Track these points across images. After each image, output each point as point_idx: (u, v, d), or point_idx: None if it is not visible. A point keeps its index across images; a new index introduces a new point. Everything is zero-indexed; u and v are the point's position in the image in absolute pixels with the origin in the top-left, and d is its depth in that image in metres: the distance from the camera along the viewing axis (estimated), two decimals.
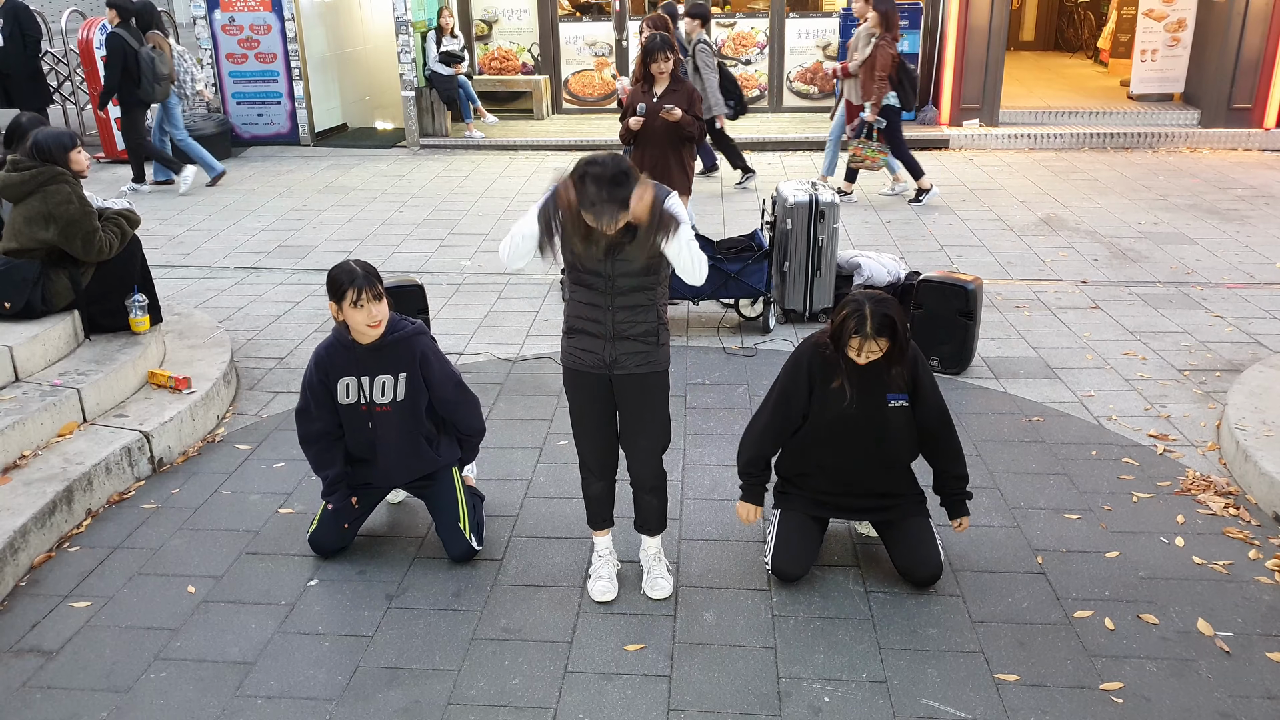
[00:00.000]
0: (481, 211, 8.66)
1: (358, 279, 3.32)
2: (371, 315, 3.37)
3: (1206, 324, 5.86)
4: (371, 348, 3.49)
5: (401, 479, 3.74)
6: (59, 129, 4.88)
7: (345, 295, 3.32)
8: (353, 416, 3.57)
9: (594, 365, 3.23)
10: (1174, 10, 11.05)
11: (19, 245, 4.66)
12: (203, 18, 11.14)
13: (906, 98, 8.16)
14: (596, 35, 12.16)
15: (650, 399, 3.29)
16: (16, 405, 4.25)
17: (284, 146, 11.47)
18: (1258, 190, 8.88)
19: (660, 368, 3.27)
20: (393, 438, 3.59)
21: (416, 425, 3.62)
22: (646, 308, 3.18)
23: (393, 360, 3.52)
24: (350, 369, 3.51)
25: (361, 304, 3.33)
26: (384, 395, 3.53)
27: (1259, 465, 3.99)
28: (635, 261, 3.06)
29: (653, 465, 3.41)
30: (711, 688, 3.05)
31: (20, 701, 3.04)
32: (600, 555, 3.56)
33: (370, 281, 3.34)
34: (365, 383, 3.51)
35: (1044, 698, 2.98)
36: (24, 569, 3.65)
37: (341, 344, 3.51)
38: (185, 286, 6.82)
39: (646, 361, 3.22)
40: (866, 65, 8.08)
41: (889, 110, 8.19)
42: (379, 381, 3.52)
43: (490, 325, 6.05)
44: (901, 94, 8.14)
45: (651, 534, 3.53)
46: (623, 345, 3.18)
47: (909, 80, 8.15)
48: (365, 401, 3.54)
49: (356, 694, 3.04)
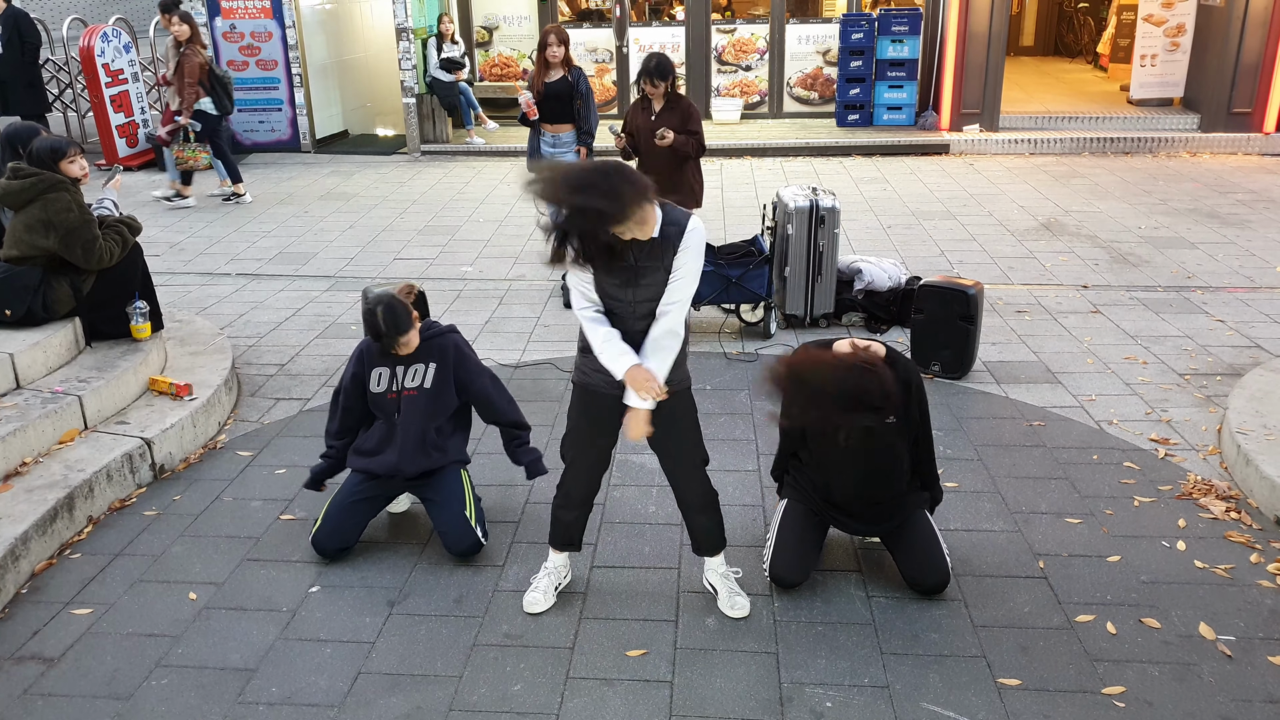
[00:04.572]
0: (482, 218, 8.67)
1: (385, 336, 3.58)
2: (400, 346, 3.65)
3: (1207, 328, 5.86)
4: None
5: (410, 469, 3.75)
6: (56, 137, 4.88)
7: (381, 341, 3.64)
8: (381, 404, 3.75)
9: (611, 385, 3.13)
10: (1173, 15, 11.07)
11: (20, 253, 4.67)
12: (204, 25, 11.15)
13: (221, 103, 8.91)
14: (597, 41, 12.18)
15: (678, 418, 3.22)
16: (18, 412, 4.25)
17: (285, 153, 11.48)
18: (1258, 194, 8.88)
19: (681, 386, 3.20)
20: (414, 420, 3.72)
21: (436, 414, 3.77)
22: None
23: (425, 353, 3.75)
24: (386, 362, 3.75)
25: (394, 348, 3.64)
26: (413, 380, 3.73)
27: (1260, 469, 3.99)
28: (653, 286, 3.01)
29: (698, 484, 3.32)
30: (713, 693, 3.05)
31: (22, 709, 3.03)
32: (547, 568, 3.51)
33: (396, 327, 3.57)
34: (399, 370, 3.73)
35: (1046, 702, 2.98)
36: (25, 576, 3.65)
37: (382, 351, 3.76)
38: (186, 293, 6.83)
39: (668, 380, 3.12)
40: (178, 74, 8.67)
41: (203, 115, 8.81)
42: (412, 369, 3.73)
43: (491, 331, 6.05)
44: (216, 99, 8.87)
45: (712, 555, 3.45)
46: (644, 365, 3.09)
47: (221, 86, 8.89)
48: (395, 389, 3.72)
49: (358, 700, 3.04)
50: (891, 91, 11.36)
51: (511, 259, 7.46)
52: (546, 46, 6.55)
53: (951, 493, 4.11)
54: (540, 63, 6.64)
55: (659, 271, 3.01)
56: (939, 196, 8.87)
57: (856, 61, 11.33)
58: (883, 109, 11.47)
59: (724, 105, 12.00)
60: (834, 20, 11.91)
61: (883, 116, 11.49)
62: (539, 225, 2.88)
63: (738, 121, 11.96)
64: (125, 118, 10.72)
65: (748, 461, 4.42)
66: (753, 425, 4.76)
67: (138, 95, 10.95)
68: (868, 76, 11.38)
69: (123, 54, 10.72)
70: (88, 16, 13.29)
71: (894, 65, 11.26)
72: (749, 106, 12.18)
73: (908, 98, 11.35)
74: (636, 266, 2.98)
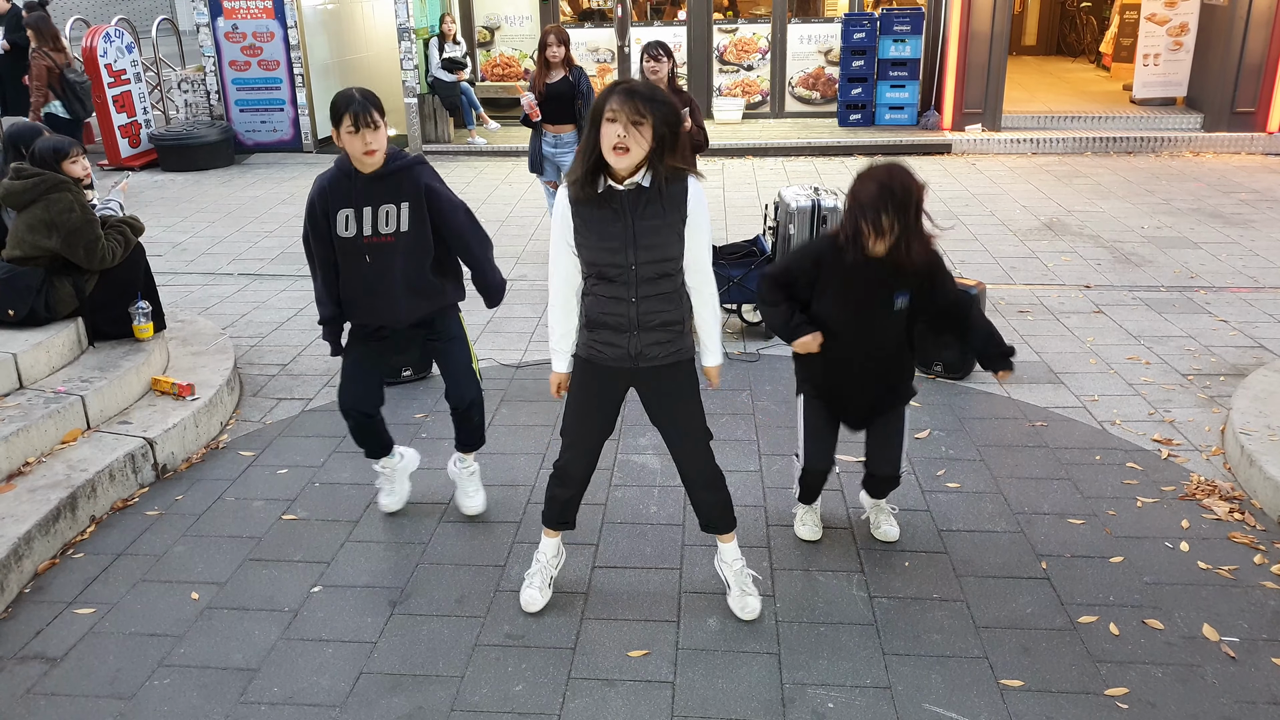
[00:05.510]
0: (484, 218, 8.58)
1: (355, 104, 3.28)
2: (366, 143, 3.31)
3: (1210, 328, 5.85)
4: (373, 177, 3.43)
5: (409, 315, 3.62)
6: (58, 137, 4.89)
7: (342, 120, 3.30)
8: (350, 251, 3.48)
9: (617, 359, 3.09)
10: (1176, 14, 11.05)
11: (22, 253, 4.67)
12: (206, 25, 11.18)
13: (72, 107, 8.92)
14: (599, 41, 12.18)
15: (683, 390, 3.18)
16: (21, 412, 4.26)
17: (287, 154, 11.49)
18: (1261, 194, 8.87)
19: (688, 355, 3.16)
20: (396, 270, 3.50)
21: (423, 256, 3.53)
22: (670, 295, 3.03)
23: (394, 190, 3.44)
24: (349, 200, 3.44)
25: (357, 130, 3.29)
26: (387, 225, 3.45)
27: (1264, 470, 3.98)
28: (657, 248, 2.95)
29: (701, 460, 3.25)
30: (715, 694, 3.05)
31: (24, 708, 3.04)
32: (539, 560, 3.49)
33: (367, 108, 3.30)
34: (367, 214, 3.44)
35: (1049, 703, 2.97)
36: (28, 576, 3.66)
37: (343, 173, 3.45)
38: (188, 293, 6.84)
39: (674, 350, 3.09)
40: (29, 77, 8.74)
41: (53, 118, 8.79)
42: (382, 210, 3.44)
43: (493, 331, 6.05)
44: (66, 103, 8.88)
45: (721, 532, 3.38)
46: (648, 336, 3.05)
47: (72, 90, 8.89)
48: (367, 234, 3.45)
49: (360, 700, 3.04)
50: (893, 91, 11.36)
51: (513, 259, 7.45)
52: (547, 47, 6.56)
53: (954, 493, 4.11)
54: (541, 63, 6.64)
55: (661, 231, 2.93)
56: (941, 196, 8.86)
57: (858, 61, 11.33)
58: (885, 109, 11.47)
59: (726, 105, 12.00)
60: (836, 20, 11.90)
61: (885, 116, 11.49)
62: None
63: (739, 121, 11.96)
64: (128, 118, 10.74)
65: (749, 462, 4.42)
66: (754, 425, 4.76)
67: (140, 95, 10.97)
68: (870, 76, 11.38)
69: (125, 54, 10.74)
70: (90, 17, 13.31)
71: (896, 65, 11.26)
72: (751, 106, 12.18)
73: (910, 97, 11.34)
74: (634, 225, 2.91)
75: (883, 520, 3.83)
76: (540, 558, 3.50)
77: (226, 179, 10.40)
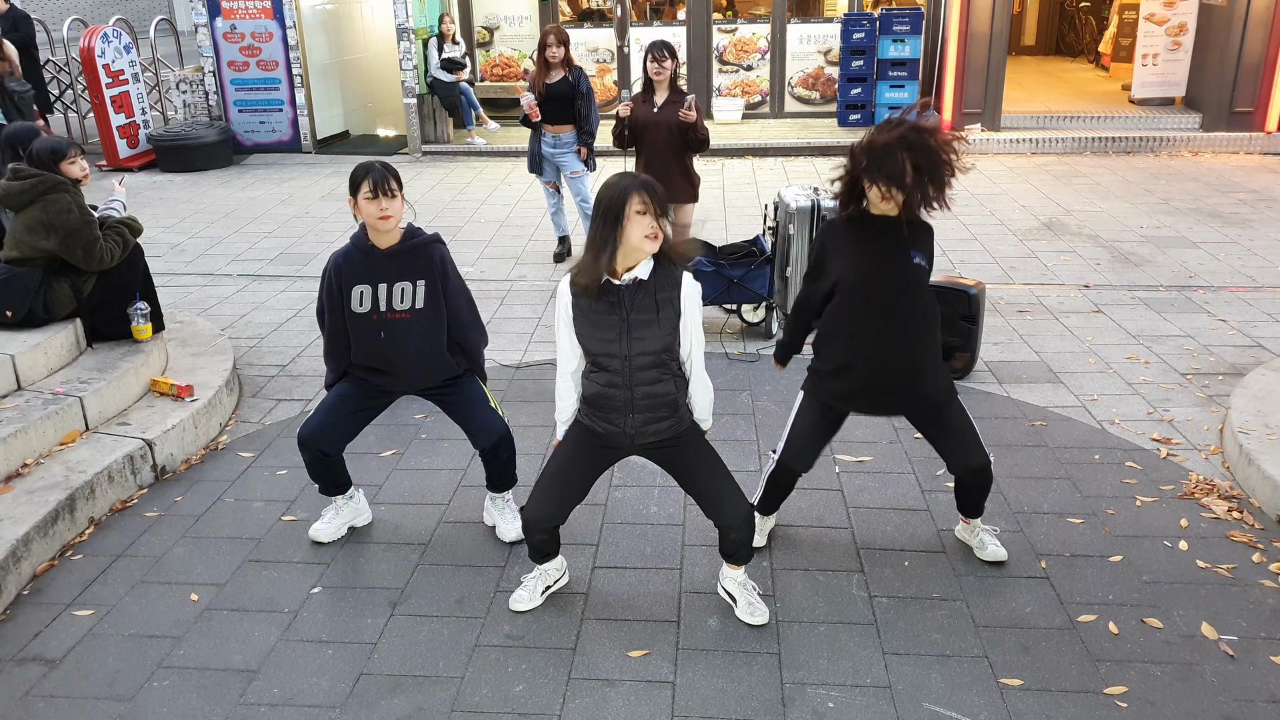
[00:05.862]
0: (483, 218, 8.67)
1: (375, 172, 3.38)
2: (381, 208, 3.38)
3: (1209, 328, 5.85)
4: (389, 254, 3.49)
5: (418, 384, 3.67)
6: (56, 138, 4.89)
7: (360, 187, 3.37)
8: (364, 326, 3.53)
9: (614, 436, 3.17)
10: (1175, 14, 11.05)
11: (20, 254, 4.67)
12: (204, 25, 11.17)
13: (9, 114, 9.02)
14: (598, 41, 12.18)
15: (696, 454, 3.22)
16: (19, 414, 4.25)
17: (286, 154, 11.48)
18: (1259, 194, 8.88)
19: (683, 426, 3.20)
20: (411, 345, 3.55)
21: (438, 332, 3.59)
22: (664, 380, 3.10)
23: (411, 267, 3.51)
24: (365, 277, 3.49)
25: (375, 197, 3.37)
26: (403, 302, 3.51)
27: (1262, 469, 3.98)
28: (650, 340, 3.01)
29: (739, 515, 3.21)
30: (715, 694, 3.05)
31: (23, 710, 3.03)
32: (540, 568, 3.49)
33: (386, 178, 3.38)
34: (382, 290, 3.49)
35: (1048, 702, 2.97)
36: (27, 577, 3.66)
37: (359, 249, 3.50)
38: (187, 294, 6.83)
39: (669, 426, 3.15)
40: None
41: None
42: (397, 288, 3.49)
43: (493, 332, 6.02)
44: (6, 112, 8.98)
45: (737, 565, 3.39)
46: (641, 416, 3.11)
47: (11, 100, 9.11)
48: (381, 310, 3.50)
49: (360, 701, 3.04)
50: (893, 91, 11.35)
51: (513, 259, 7.46)
52: (546, 47, 6.55)
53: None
54: (541, 63, 6.64)
55: (653, 325, 3.00)
56: None
57: (858, 61, 11.32)
58: (884, 109, 11.44)
59: (725, 105, 12.00)
60: (835, 20, 11.90)
61: (884, 116, 11.41)
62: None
63: (739, 121, 11.96)
64: (126, 118, 10.73)
65: (749, 462, 4.42)
66: (754, 425, 4.76)
67: (138, 96, 10.97)
68: (869, 76, 11.38)
69: (123, 55, 10.73)
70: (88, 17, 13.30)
71: (895, 65, 11.25)
72: (750, 106, 12.17)
73: (909, 97, 11.32)
74: (629, 319, 2.99)
75: (988, 540, 3.68)
76: (541, 568, 3.50)
77: (225, 180, 10.40)
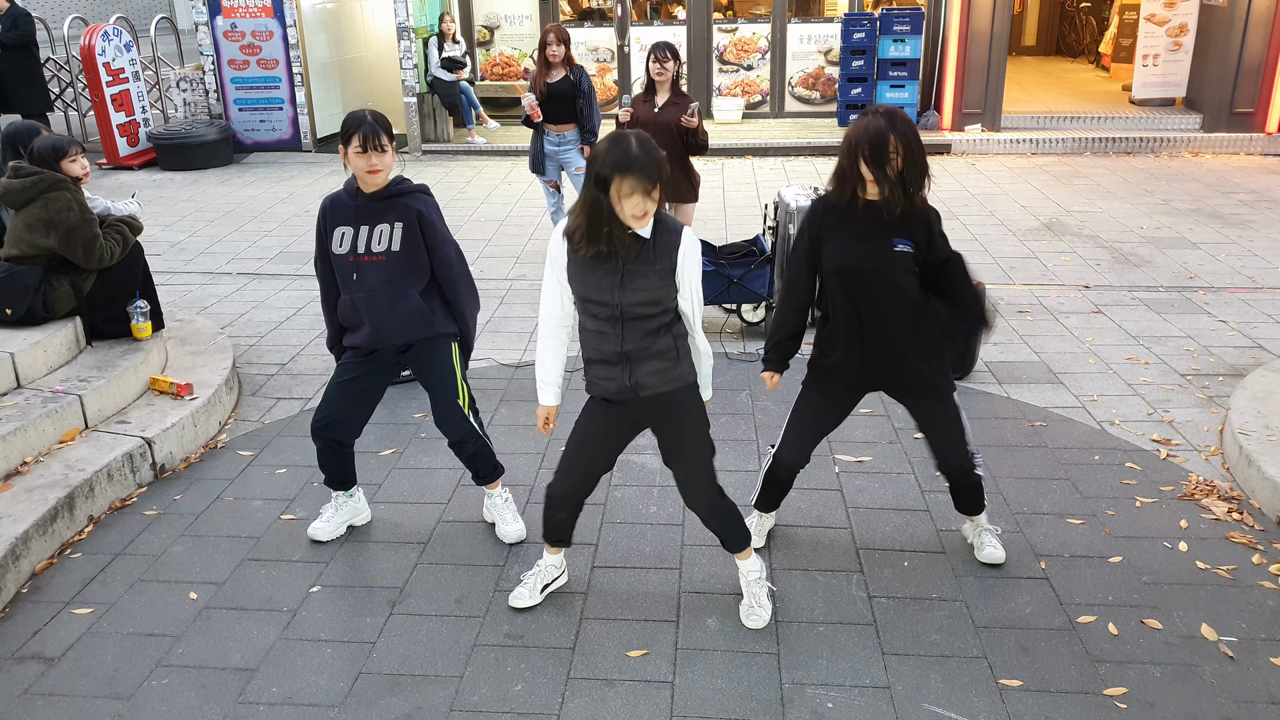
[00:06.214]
0: (483, 217, 8.66)
1: (365, 125, 3.34)
2: (371, 163, 3.37)
3: (1209, 328, 5.85)
4: (373, 198, 3.48)
5: (393, 337, 3.60)
6: (57, 136, 4.88)
7: (351, 140, 3.36)
8: (341, 267, 3.53)
9: (618, 392, 3.11)
10: (1176, 15, 11.05)
11: (20, 252, 4.67)
12: (204, 24, 11.17)
13: None
14: (598, 41, 12.17)
15: (683, 418, 3.16)
16: (18, 412, 4.25)
17: (286, 153, 11.48)
18: (1260, 194, 8.88)
19: (687, 381, 3.14)
20: (382, 290, 3.51)
21: (409, 279, 3.54)
22: (658, 331, 3.05)
23: (392, 210, 3.49)
24: (348, 219, 3.50)
25: (365, 151, 3.35)
26: (379, 244, 3.48)
27: (1262, 470, 3.98)
28: (643, 291, 2.97)
29: (699, 489, 3.23)
30: (714, 694, 3.04)
31: (22, 709, 3.03)
32: (539, 565, 3.49)
33: (377, 131, 3.36)
34: (363, 232, 3.48)
35: (1048, 703, 2.97)
36: (26, 576, 3.65)
37: (346, 193, 3.52)
38: (187, 293, 6.83)
39: (672, 376, 3.09)
40: None
41: None
42: (377, 231, 3.48)
43: (492, 331, 6.05)
44: None
45: (734, 551, 3.37)
46: (641, 367, 3.06)
47: None
48: (359, 252, 3.48)
49: (359, 701, 3.04)
50: (893, 91, 11.34)
51: (513, 258, 7.45)
52: (547, 46, 6.55)
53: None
54: (541, 63, 6.64)
55: (649, 275, 2.97)
56: (941, 196, 8.86)
57: (858, 61, 11.32)
58: None
59: (725, 105, 12.00)
60: (836, 20, 11.90)
61: None
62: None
63: (739, 121, 11.96)
64: (126, 116, 10.73)
65: (749, 462, 4.42)
66: (754, 425, 4.76)
67: (139, 94, 10.96)
68: (869, 76, 11.37)
69: (124, 53, 10.73)
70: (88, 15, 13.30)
71: (896, 65, 11.25)
72: (750, 106, 12.17)
73: (909, 97, 11.33)
74: (624, 269, 2.96)
75: (986, 541, 3.66)
76: (540, 564, 3.51)
77: (225, 178, 10.39)
